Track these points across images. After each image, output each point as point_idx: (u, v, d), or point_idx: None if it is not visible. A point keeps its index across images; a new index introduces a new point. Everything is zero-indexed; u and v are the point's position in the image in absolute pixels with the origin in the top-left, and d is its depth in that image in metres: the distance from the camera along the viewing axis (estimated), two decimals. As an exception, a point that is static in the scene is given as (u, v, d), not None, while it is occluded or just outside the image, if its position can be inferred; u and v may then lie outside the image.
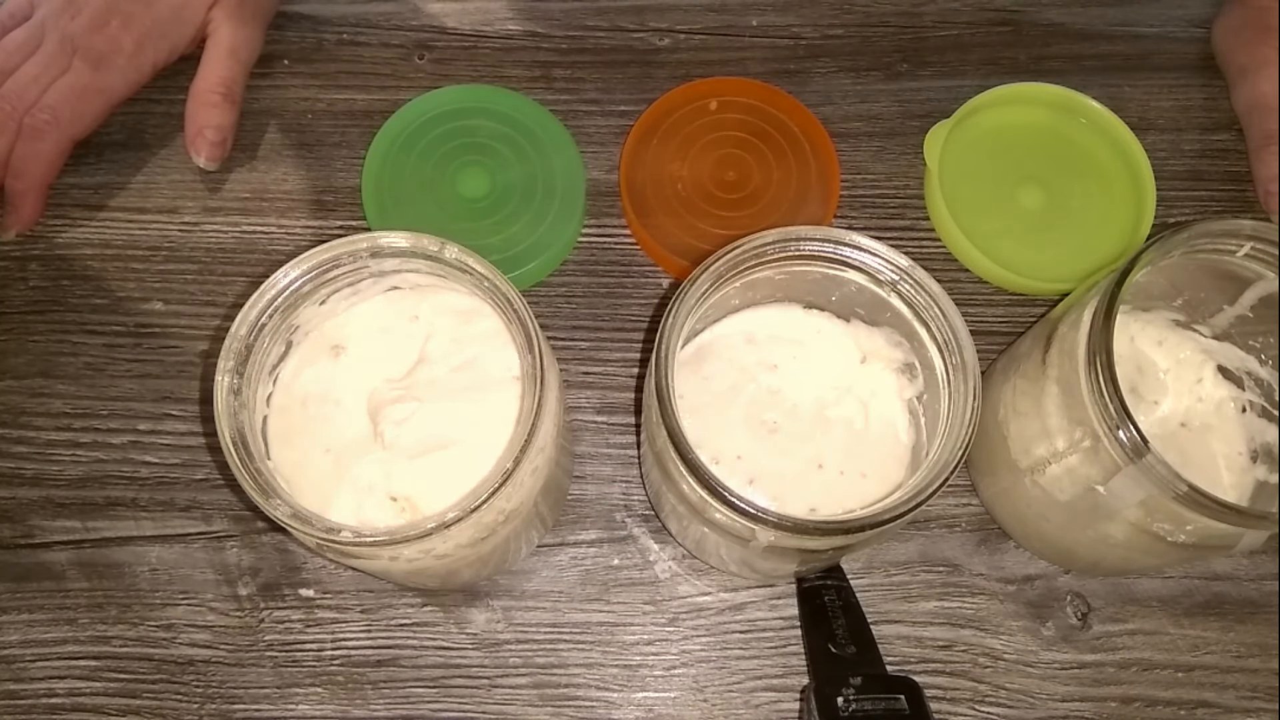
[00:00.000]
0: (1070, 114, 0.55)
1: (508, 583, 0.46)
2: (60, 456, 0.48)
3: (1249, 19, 0.55)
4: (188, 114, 0.53)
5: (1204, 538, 0.36)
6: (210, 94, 0.53)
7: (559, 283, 0.52)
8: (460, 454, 0.37)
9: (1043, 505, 0.42)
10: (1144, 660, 0.45)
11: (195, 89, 0.53)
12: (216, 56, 0.53)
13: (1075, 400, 0.37)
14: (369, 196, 0.52)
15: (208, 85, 0.53)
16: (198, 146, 0.52)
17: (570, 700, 0.44)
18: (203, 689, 0.44)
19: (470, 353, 0.39)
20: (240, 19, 0.54)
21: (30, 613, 0.46)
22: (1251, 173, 0.54)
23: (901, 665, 0.45)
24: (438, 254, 0.36)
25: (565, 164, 0.53)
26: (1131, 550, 0.40)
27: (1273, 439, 0.42)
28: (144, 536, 0.47)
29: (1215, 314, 0.43)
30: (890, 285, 0.38)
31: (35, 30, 0.52)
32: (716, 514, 0.35)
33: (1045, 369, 0.39)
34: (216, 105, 0.53)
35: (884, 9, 0.59)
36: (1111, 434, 0.35)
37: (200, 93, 0.53)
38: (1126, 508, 0.37)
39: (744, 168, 0.54)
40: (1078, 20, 0.59)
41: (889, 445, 0.42)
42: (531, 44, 0.58)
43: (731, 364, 0.43)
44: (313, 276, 0.36)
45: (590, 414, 0.49)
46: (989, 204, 0.53)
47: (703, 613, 0.46)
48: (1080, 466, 0.38)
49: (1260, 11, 0.54)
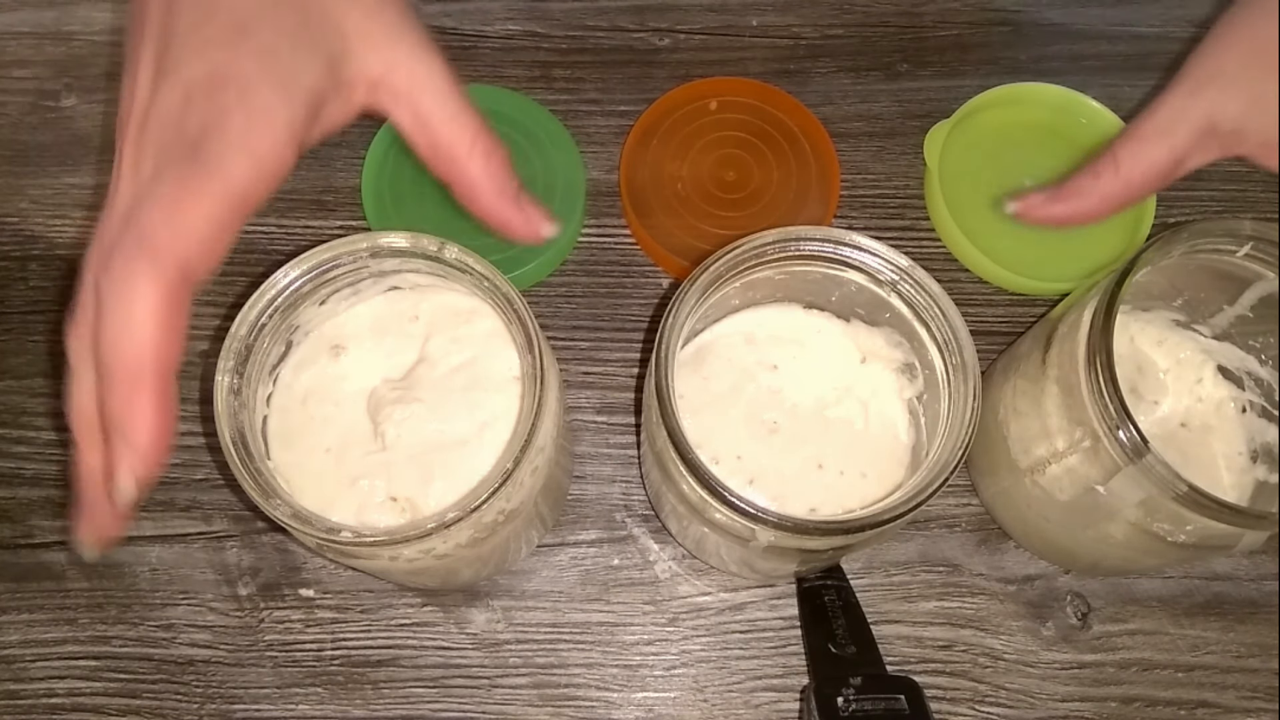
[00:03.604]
0: (1070, 114, 0.55)
1: (508, 583, 0.46)
2: (60, 456, 0.48)
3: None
4: (488, 211, 0.36)
5: (1204, 538, 0.36)
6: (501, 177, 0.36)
7: (559, 283, 0.52)
8: (460, 454, 0.37)
9: (1043, 505, 0.42)
10: (1144, 660, 0.45)
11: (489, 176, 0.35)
12: (447, 97, 0.35)
13: (1075, 400, 0.37)
14: (369, 196, 0.52)
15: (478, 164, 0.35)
16: (540, 231, 0.37)
17: (570, 700, 0.44)
18: (203, 689, 0.44)
19: (470, 353, 0.39)
20: (428, 42, 0.35)
21: (30, 613, 0.46)
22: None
23: (901, 665, 0.45)
24: (438, 254, 0.36)
25: (565, 164, 0.53)
26: (1131, 550, 0.40)
27: (1273, 439, 0.42)
28: (144, 536, 0.47)
29: (1215, 314, 0.43)
30: (890, 285, 0.38)
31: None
32: (716, 514, 0.35)
33: (1045, 369, 0.39)
34: (510, 188, 0.36)
35: (884, 9, 0.59)
36: (1111, 434, 0.35)
37: (492, 181, 0.35)
38: (1126, 508, 0.37)
39: (744, 168, 0.54)
40: (1078, 20, 0.59)
41: (889, 445, 0.42)
42: (531, 44, 0.58)
43: (731, 364, 0.43)
44: (313, 276, 0.36)
45: (590, 414, 0.49)
46: (989, 204, 0.53)
47: (703, 613, 0.46)
48: (1080, 466, 0.38)
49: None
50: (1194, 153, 0.38)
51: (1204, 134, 0.38)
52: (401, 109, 0.35)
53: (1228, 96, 0.37)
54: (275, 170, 0.32)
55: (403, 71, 0.34)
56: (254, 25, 0.32)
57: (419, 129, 0.35)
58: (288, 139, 0.32)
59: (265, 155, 0.31)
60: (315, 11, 0.33)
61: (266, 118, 0.31)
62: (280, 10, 0.32)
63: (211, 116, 0.31)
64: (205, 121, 0.31)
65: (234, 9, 0.32)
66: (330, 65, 0.33)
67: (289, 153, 0.32)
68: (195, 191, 0.30)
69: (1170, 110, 0.38)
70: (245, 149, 0.31)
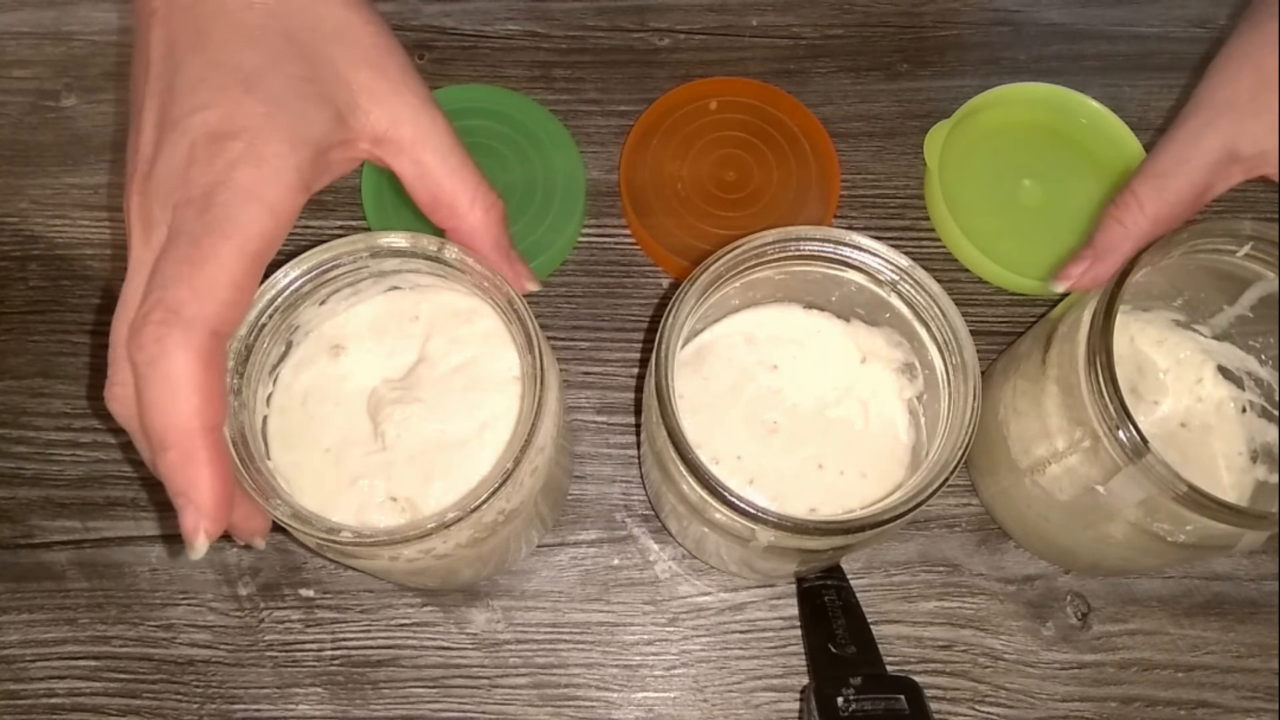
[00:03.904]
0: (1070, 114, 0.55)
1: (508, 583, 0.46)
2: (60, 456, 0.48)
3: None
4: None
5: (1204, 538, 0.36)
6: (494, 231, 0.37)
7: (559, 283, 0.52)
8: (460, 454, 0.37)
9: (1043, 505, 0.42)
10: (1144, 660, 0.45)
11: (473, 227, 0.36)
12: (449, 152, 0.36)
13: (1075, 400, 0.37)
14: (369, 196, 0.52)
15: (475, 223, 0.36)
16: (525, 286, 0.37)
17: (570, 700, 0.44)
18: (203, 689, 0.44)
19: (470, 353, 0.39)
20: (429, 98, 0.36)
21: (30, 613, 0.46)
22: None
23: (901, 665, 0.45)
24: (438, 254, 0.36)
25: (565, 164, 0.53)
26: (1131, 550, 0.40)
27: (1273, 439, 0.42)
28: (144, 536, 0.47)
29: (1215, 314, 0.43)
30: (890, 285, 0.38)
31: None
32: (716, 514, 0.35)
33: (1045, 369, 0.39)
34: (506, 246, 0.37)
35: (884, 9, 0.59)
36: (1111, 434, 0.35)
37: (479, 231, 0.36)
38: (1126, 508, 0.37)
39: (744, 168, 0.54)
40: (1078, 20, 0.59)
41: (889, 445, 0.42)
42: (531, 44, 0.58)
43: (731, 364, 0.43)
44: (313, 276, 0.36)
45: (590, 414, 0.49)
46: (989, 204, 0.53)
47: (703, 613, 0.46)
48: (1080, 466, 0.38)
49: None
50: (1216, 182, 0.38)
51: (1223, 162, 0.38)
52: (404, 162, 0.35)
53: (1245, 123, 0.37)
54: (287, 218, 0.32)
55: (407, 127, 0.35)
56: (260, 77, 0.32)
57: (420, 181, 0.35)
58: (297, 185, 0.32)
59: (277, 204, 0.31)
60: (323, 65, 0.33)
61: (276, 165, 0.31)
62: (287, 63, 0.32)
63: (220, 169, 0.30)
64: (214, 175, 0.30)
65: (240, 61, 0.32)
66: (337, 118, 0.33)
67: (299, 199, 0.32)
68: (212, 252, 0.30)
69: (1186, 143, 0.38)
70: (257, 199, 0.30)
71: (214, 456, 0.30)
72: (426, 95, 0.36)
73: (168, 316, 0.29)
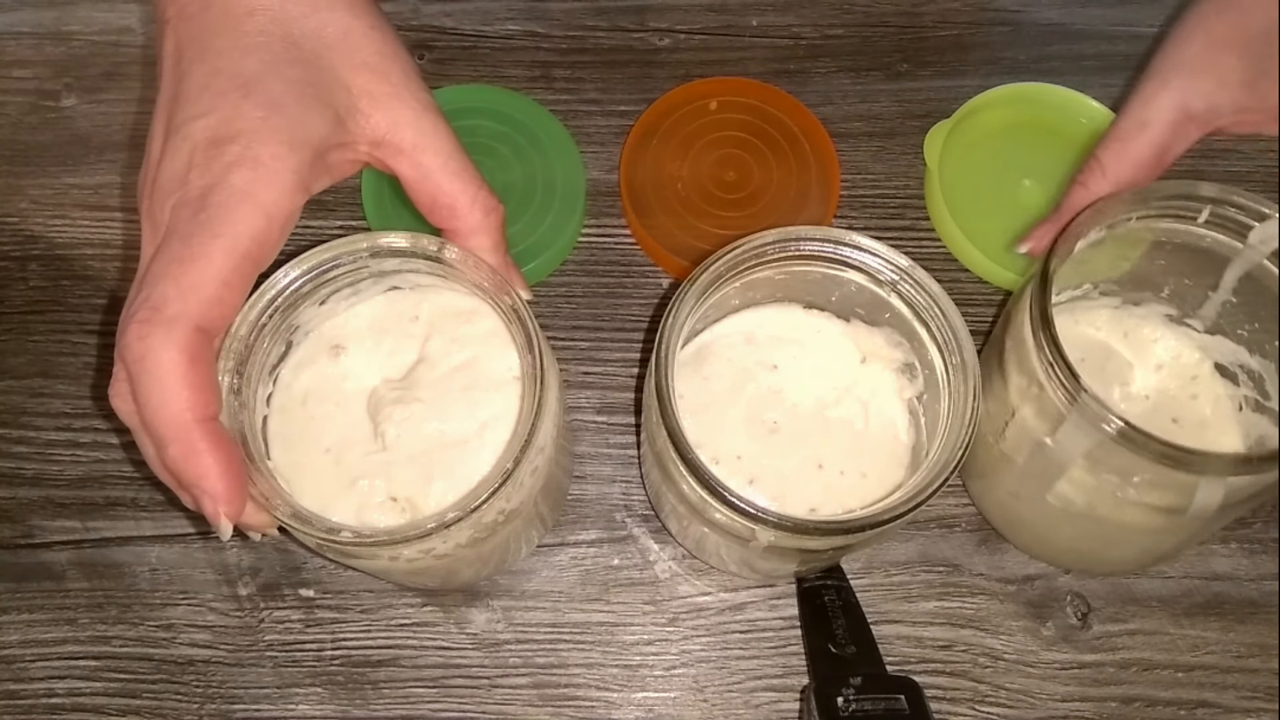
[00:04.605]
0: (1070, 114, 0.55)
1: (508, 583, 0.46)
2: (60, 456, 0.48)
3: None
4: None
5: (1157, 496, 0.36)
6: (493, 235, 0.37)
7: (559, 283, 0.52)
8: (460, 454, 0.37)
9: (1009, 478, 0.42)
10: (1144, 660, 0.45)
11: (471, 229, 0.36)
12: (450, 154, 0.36)
13: (1023, 352, 0.37)
14: (369, 196, 0.52)
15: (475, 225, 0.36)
16: (520, 293, 0.37)
17: (570, 700, 0.44)
18: (203, 689, 0.44)
19: (470, 353, 0.39)
20: (430, 101, 0.36)
21: (30, 613, 0.46)
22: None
23: (901, 665, 0.45)
24: (438, 254, 0.36)
25: (565, 164, 0.53)
26: (1096, 523, 0.40)
27: (1269, 434, 0.42)
28: (144, 536, 0.47)
29: (1203, 303, 0.43)
30: (890, 285, 0.38)
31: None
32: (716, 514, 0.35)
33: (1006, 333, 0.40)
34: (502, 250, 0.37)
35: (884, 9, 0.59)
36: (1049, 374, 0.36)
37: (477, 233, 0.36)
38: (1074, 461, 0.37)
39: (744, 168, 0.54)
40: (1078, 20, 0.59)
41: (889, 445, 0.42)
42: (531, 44, 0.58)
43: (731, 364, 0.43)
44: (312, 276, 0.36)
45: (590, 414, 0.49)
46: (989, 204, 0.53)
47: (703, 613, 0.46)
48: (1030, 419, 0.38)
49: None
50: (1174, 141, 0.40)
51: (1180, 121, 0.40)
52: (404, 165, 0.35)
53: (1196, 81, 0.40)
54: (284, 219, 0.32)
55: (408, 131, 0.35)
56: (259, 82, 0.32)
57: (421, 183, 0.36)
58: (294, 186, 0.32)
59: (271, 205, 0.31)
60: (323, 69, 0.34)
61: (273, 167, 0.31)
62: (287, 68, 0.33)
63: (217, 172, 0.31)
64: (211, 177, 0.31)
65: (240, 66, 0.32)
66: (336, 121, 0.34)
67: (297, 200, 0.32)
68: (200, 250, 0.30)
69: (1142, 105, 0.40)
70: (250, 199, 0.31)
71: (214, 445, 0.31)
72: (428, 100, 0.36)
73: (151, 315, 0.30)
